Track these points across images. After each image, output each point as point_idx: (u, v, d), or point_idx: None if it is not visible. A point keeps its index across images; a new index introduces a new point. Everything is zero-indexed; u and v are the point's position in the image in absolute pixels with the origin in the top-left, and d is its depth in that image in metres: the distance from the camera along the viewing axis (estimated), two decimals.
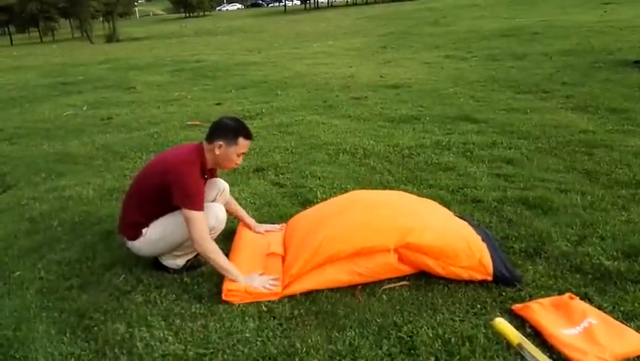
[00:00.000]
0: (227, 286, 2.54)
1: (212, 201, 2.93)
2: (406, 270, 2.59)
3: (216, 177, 3.05)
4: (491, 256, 2.55)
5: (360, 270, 2.54)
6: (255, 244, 2.99)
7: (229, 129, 2.70)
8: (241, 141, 2.70)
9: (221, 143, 2.67)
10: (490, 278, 2.50)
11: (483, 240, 2.69)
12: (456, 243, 2.55)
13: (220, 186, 3.03)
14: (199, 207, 2.57)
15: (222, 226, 2.80)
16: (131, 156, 5.24)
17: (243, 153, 2.77)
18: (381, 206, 2.86)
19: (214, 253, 2.58)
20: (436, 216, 2.85)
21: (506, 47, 11.72)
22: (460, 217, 3.08)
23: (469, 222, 2.95)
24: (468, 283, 2.55)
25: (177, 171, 2.59)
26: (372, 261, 2.54)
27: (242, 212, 3.24)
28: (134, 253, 2.85)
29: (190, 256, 2.83)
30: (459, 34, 15.15)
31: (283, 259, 2.78)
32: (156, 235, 2.72)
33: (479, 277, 2.50)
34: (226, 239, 3.06)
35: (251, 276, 2.60)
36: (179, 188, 2.56)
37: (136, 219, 2.74)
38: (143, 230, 2.73)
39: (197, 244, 2.56)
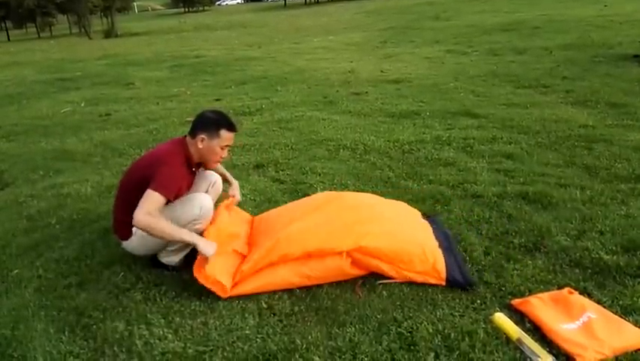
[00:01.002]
0: (199, 265, 2.50)
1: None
2: (358, 273, 2.58)
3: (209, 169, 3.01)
4: (446, 261, 2.57)
5: (310, 273, 2.53)
6: (223, 231, 2.83)
7: (211, 122, 2.69)
8: (223, 133, 2.68)
9: (203, 136, 2.67)
10: (443, 283, 2.51)
11: (441, 245, 2.71)
12: (411, 248, 2.57)
13: (211, 179, 3.00)
14: (164, 192, 2.49)
15: (208, 215, 2.71)
16: (129, 153, 5.23)
17: (227, 146, 2.75)
18: (345, 210, 2.85)
19: (156, 223, 2.43)
20: (396, 221, 2.84)
21: (507, 41, 11.68)
22: (428, 217, 3.11)
23: (434, 225, 2.97)
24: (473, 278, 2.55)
25: (156, 164, 2.59)
26: (322, 264, 2.53)
27: (225, 172, 3.16)
28: (129, 252, 2.85)
29: (186, 252, 2.81)
30: (460, 28, 15.09)
31: (243, 258, 2.71)
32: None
33: (433, 281, 2.52)
34: None
35: (212, 243, 2.53)
36: (156, 173, 2.53)
37: (124, 217, 2.70)
38: (134, 229, 2.71)
39: (135, 217, 2.41)
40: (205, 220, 2.70)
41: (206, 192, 2.94)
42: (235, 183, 3.16)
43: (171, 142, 2.80)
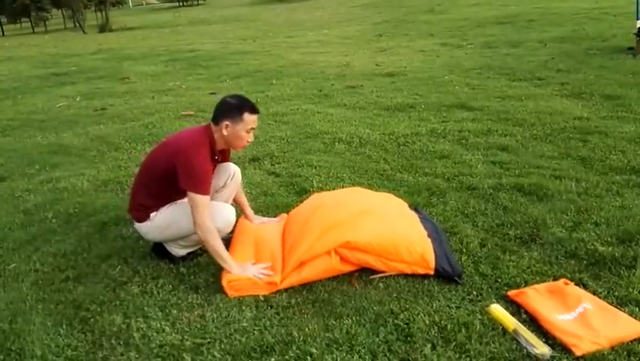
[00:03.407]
0: (227, 277, 2.52)
1: (223, 187, 2.92)
2: (349, 270, 2.59)
3: (228, 160, 3.01)
4: (435, 251, 2.58)
5: (303, 276, 2.54)
6: (250, 234, 2.97)
7: (233, 107, 2.67)
8: (247, 116, 2.66)
9: (227, 122, 2.64)
10: (432, 272, 2.51)
11: (430, 235, 2.72)
12: (397, 239, 2.57)
13: (230, 170, 2.98)
14: (204, 191, 2.55)
15: (229, 230, 2.78)
16: (125, 147, 5.21)
17: (253, 129, 2.73)
18: (334, 207, 2.85)
19: (215, 238, 2.54)
20: (383, 213, 2.83)
21: (502, 34, 11.67)
22: (415, 209, 3.13)
23: (421, 217, 2.98)
24: (464, 270, 2.57)
25: (185, 154, 2.57)
26: (313, 265, 2.54)
27: (244, 200, 3.18)
28: (140, 234, 2.86)
29: (194, 249, 2.83)
30: (454, 21, 15.07)
31: (283, 248, 2.76)
32: (164, 221, 2.71)
33: (421, 271, 2.52)
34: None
35: (244, 265, 2.59)
36: (186, 171, 2.54)
37: (144, 200, 2.74)
38: (152, 214, 2.72)
39: (198, 226, 2.53)
40: (224, 234, 2.73)
41: (225, 184, 2.94)
42: (252, 213, 3.18)
43: (196, 131, 2.75)
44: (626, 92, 5.74)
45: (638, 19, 7.93)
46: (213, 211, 2.63)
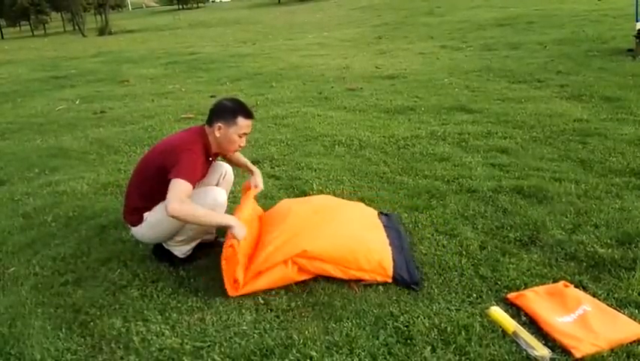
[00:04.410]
0: (230, 281, 2.48)
1: (215, 186, 2.89)
2: (305, 278, 2.57)
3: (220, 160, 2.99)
4: (395, 259, 2.59)
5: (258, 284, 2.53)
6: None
7: (227, 110, 2.67)
8: (240, 120, 2.66)
9: (220, 124, 2.64)
10: (389, 280, 2.51)
11: (391, 243, 2.74)
12: (355, 247, 2.57)
13: (221, 170, 2.97)
14: (187, 177, 2.46)
15: (222, 210, 2.69)
16: (125, 150, 5.21)
17: (245, 134, 2.71)
18: (293, 216, 2.84)
19: (187, 204, 2.41)
20: (344, 222, 2.83)
21: (501, 36, 11.69)
22: (386, 215, 3.13)
23: (389, 224, 2.99)
24: (463, 272, 2.57)
25: (175, 151, 2.57)
26: (270, 274, 2.53)
27: (246, 161, 3.13)
28: (138, 240, 2.85)
29: (194, 244, 2.81)
30: (454, 24, 15.10)
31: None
32: (156, 217, 2.69)
33: (380, 278, 2.52)
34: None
35: (243, 226, 2.52)
36: (173, 163, 2.51)
37: (137, 203, 2.73)
38: (145, 215, 2.71)
39: (170, 207, 2.35)
40: None
41: (217, 183, 2.93)
42: (257, 172, 3.11)
43: (189, 131, 2.76)
44: (626, 94, 5.75)
45: (637, 21, 7.94)
46: (200, 194, 2.59)
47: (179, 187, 2.43)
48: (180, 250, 2.80)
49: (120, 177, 4.35)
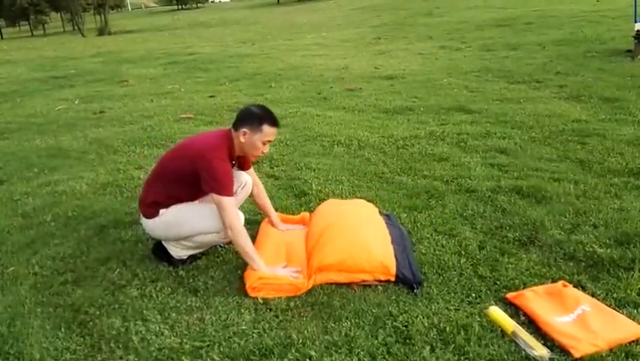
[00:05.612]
0: (251, 282, 2.50)
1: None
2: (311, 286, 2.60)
3: (249, 168, 3.04)
4: (397, 258, 2.59)
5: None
6: (278, 239, 2.97)
7: (254, 116, 2.68)
8: (266, 128, 2.67)
9: (245, 130, 2.66)
10: (392, 279, 2.52)
11: (394, 241, 2.75)
12: (354, 250, 2.58)
13: (242, 180, 2.98)
14: (228, 192, 2.57)
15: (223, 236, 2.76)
16: (124, 150, 5.21)
17: (269, 141, 2.74)
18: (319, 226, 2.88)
19: (244, 238, 2.58)
20: (346, 225, 2.83)
21: (500, 37, 11.71)
22: (386, 215, 3.13)
23: (389, 222, 3.00)
24: (462, 272, 2.57)
25: (206, 157, 2.59)
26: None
27: (269, 207, 3.16)
28: (146, 231, 2.87)
29: (195, 252, 2.83)
30: (453, 24, 15.12)
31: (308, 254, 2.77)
32: (172, 218, 2.72)
33: (382, 277, 2.53)
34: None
35: (274, 268, 2.60)
36: (208, 174, 2.56)
37: (156, 198, 2.74)
38: (161, 210, 2.73)
39: (229, 227, 2.55)
40: (219, 237, 2.75)
41: (235, 192, 2.91)
42: (277, 222, 3.15)
43: (218, 134, 2.78)
44: (625, 95, 5.76)
45: (636, 22, 7.96)
46: (212, 214, 2.64)
47: (230, 207, 2.57)
48: (176, 252, 2.80)
49: (119, 177, 4.35)
